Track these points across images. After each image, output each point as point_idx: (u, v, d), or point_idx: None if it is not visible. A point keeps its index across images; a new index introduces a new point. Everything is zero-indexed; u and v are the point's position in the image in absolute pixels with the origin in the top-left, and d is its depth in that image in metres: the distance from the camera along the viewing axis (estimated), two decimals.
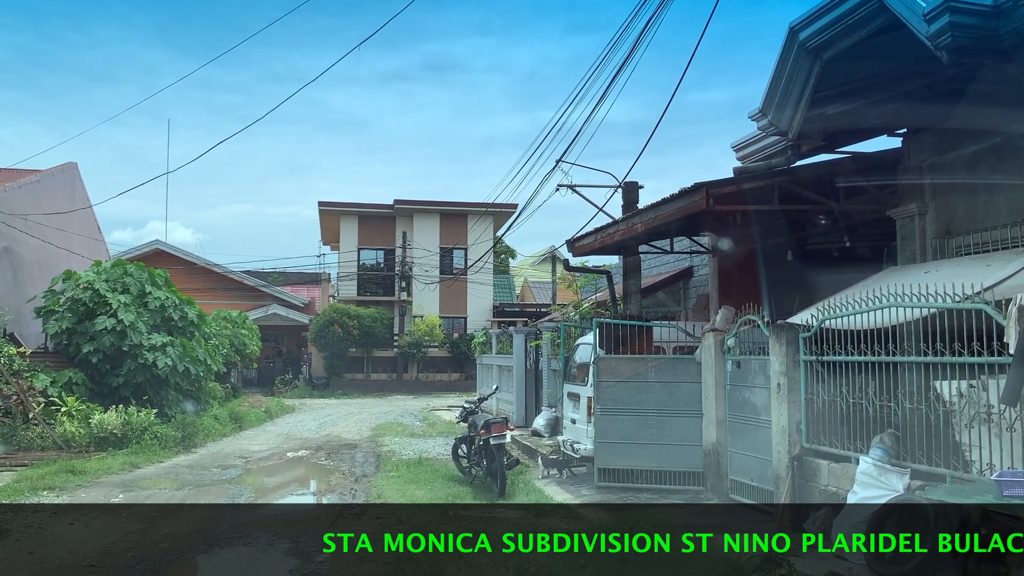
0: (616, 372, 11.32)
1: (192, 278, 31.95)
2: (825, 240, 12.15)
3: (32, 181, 19.52)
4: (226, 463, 14.60)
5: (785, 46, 8.55)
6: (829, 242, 12.19)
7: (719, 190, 9.33)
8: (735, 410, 10.37)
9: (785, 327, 9.12)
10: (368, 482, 12.41)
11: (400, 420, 22.76)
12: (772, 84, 8.80)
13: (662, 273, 17.11)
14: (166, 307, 18.04)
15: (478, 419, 11.92)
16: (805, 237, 12.19)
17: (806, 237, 12.18)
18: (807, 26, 8.28)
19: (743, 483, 10.11)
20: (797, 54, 8.48)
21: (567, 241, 13.86)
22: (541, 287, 48.84)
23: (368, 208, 39.71)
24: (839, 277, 10.55)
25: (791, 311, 9.91)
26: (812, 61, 8.42)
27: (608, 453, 11.26)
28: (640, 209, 10.96)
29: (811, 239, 12.31)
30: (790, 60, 8.55)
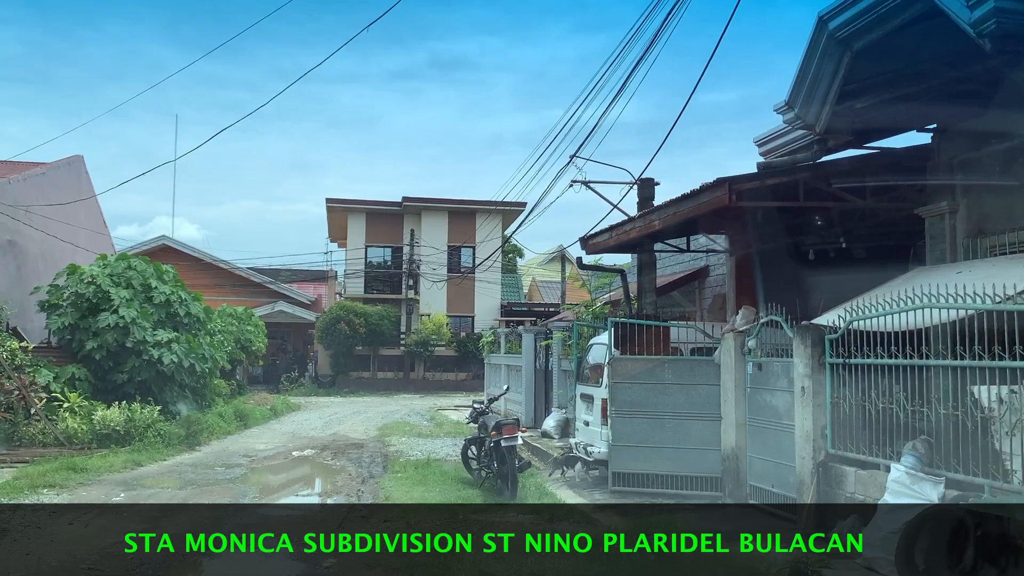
0: (632, 373, 11.01)
1: (198, 274, 31.72)
2: (848, 239, 11.81)
3: (37, 174, 19.29)
4: (230, 462, 14.32)
5: (813, 36, 8.21)
6: (852, 241, 11.85)
7: (743, 185, 9.01)
8: (755, 413, 10.05)
9: (810, 328, 8.80)
10: (375, 483, 12.12)
11: (407, 419, 22.47)
12: (799, 76, 8.47)
13: (676, 272, 16.77)
14: (171, 302, 17.78)
15: (488, 420, 11.61)
16: (827, 236, 11.85)
17: (828, 236, 11.84)
18: (837, 15, 7.94)
19: (763, 489, 9.79)
20: (826, 45, 8.14)
21: (581, 238, 13.55)
22: (549, 287, 48.49)
23: (376, 205, 39.45)
24: (863, 278, 10.21)
25: (813, 312, 9.57)
26: (842, 52, 8.08)
27: (623, 456, 10.95)
28: (659, 205, 10.64)
29: (833, 238, 11.96)
30: (818, 51, 8.21)
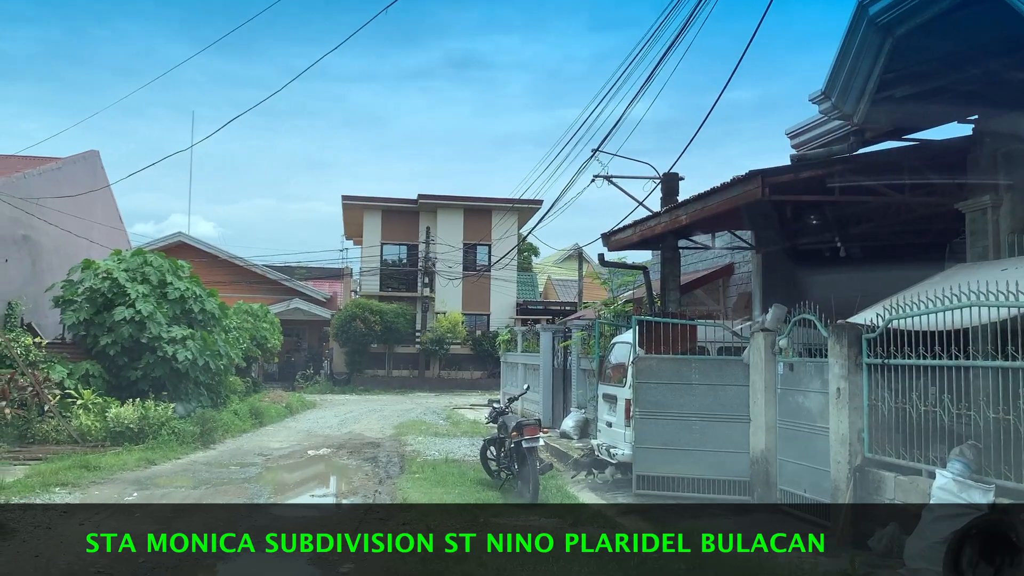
0: (657, 373, 10.68)
1: (214, 271, 31.63)
2: (880, 236, 11.44)
3: (52, 168, 19.14)
4: (245, 461, 14.10)
5: (852, 22, 7.86)
6: (884, 238, 11.47)
7: (776, 178, 8.66)
8: (786, 416, 9.71)
9: (847, 327, 8.45)
10: (392, 484, 11.85)
11: (423, 418, 22.22)
12: (837, 64, 8.12)
13: (699, 270, 16.39)
14: (186, 298, 17.59)
15: (509, 420, 11.32)
16: (860, 232, 11.47)
17: (861, 232, 11.46)
18: (878, 0, 7.60)
19: (795, 494, 9.44)
20: (866, 32, 7.79)
21: (603, 235, 13.22)
22: (565, 285, 48.14)
23: (392, 203, 39.22)
24: (896, 276, 9.86)
25: (846, 311, 9.20)
26: (882, 38, 7.72)
27: (647, 459, 10.62)
28: (686, 200, 10.30)
29: (864, 234, 11.58)
30: (858, 37, 7.86)
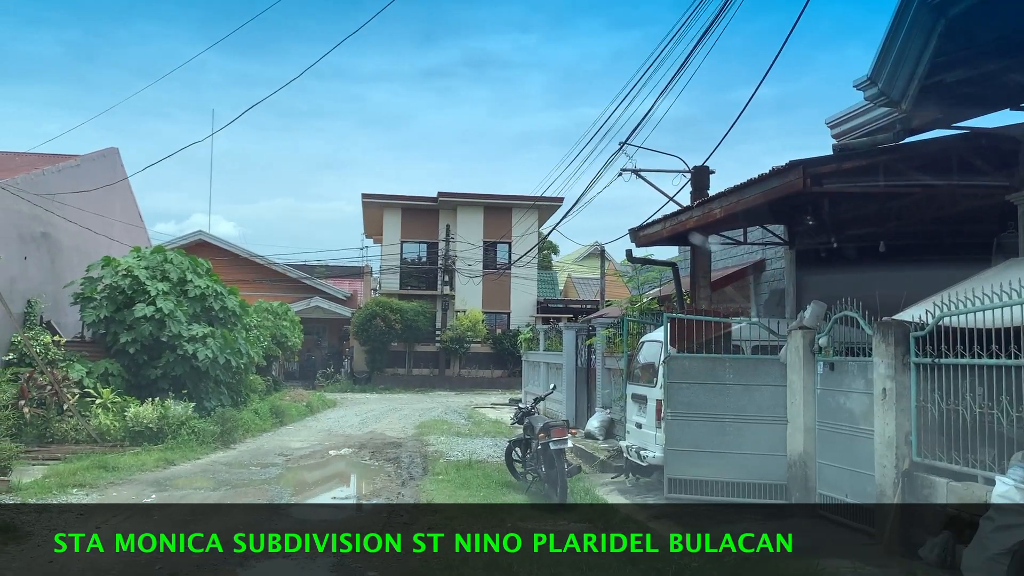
0: (689, 373, 10.30)
1: (235, 269, 31.54)
2: (922, 230, 10.99)
3: (72, 165, 18.98)
4: (266, 461, 13.85)
5: (902, 3, 7.44)
6: (926, 232, 11.02)
7: (818, 169, 8.26)
8: (826, 417, 9.30)
9: (894, 325, 8.03)
10: (416, 486, 11.54)
11: (444, 417, 21.93)
12: (884, 48, 7.69)
13: (729, 267, 15.95)
14: (207, 296, 17.38)
15: (535, 421, 10.97)
16: (899, 227, 11.02)
17: (900, 227, 11.01)
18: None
19: (835, 499, 9.04)
20: (917, 12, 7.35)
21: (631, 230, 12.84)
22: (585, 283, 47.75)
23: (411, 201, 38.96)
24: (938, 273, 9.43)
25: (891, 308, 8.78)
26: (934, 20, 7.29)
27: (679, 462, 10.24)
28: (720, 193, 9.91)
29: (905, 229, 11.13)
30: (908, 19, 7.42)
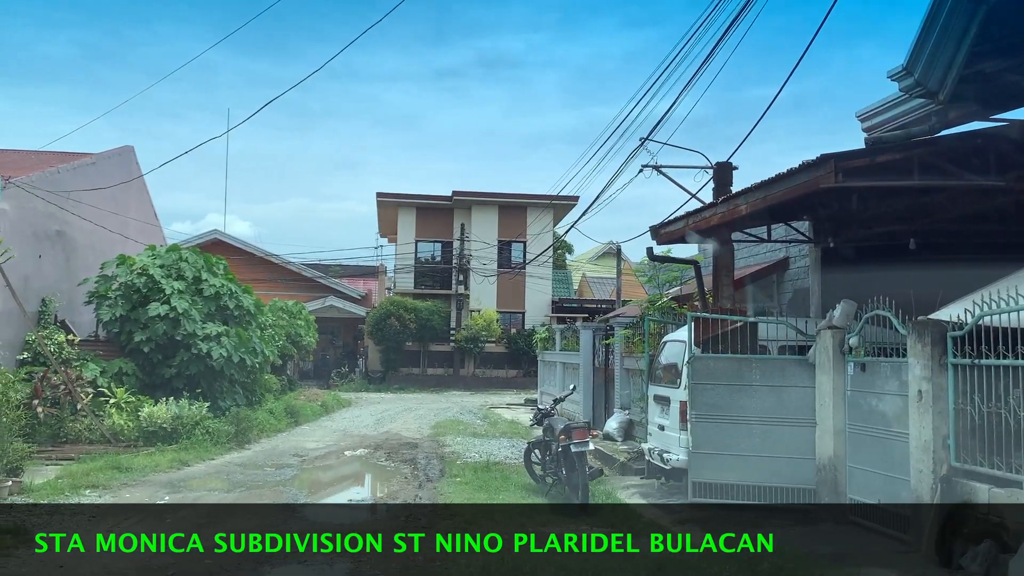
0: (714, 374, 10.03)
1: (250, 268, 31.43)
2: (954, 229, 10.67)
3: (87, 163, 18.88)
4: (281, 462, 13.66)
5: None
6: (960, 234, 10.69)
7: (850, 163, 7.95)
8: (857, 419, 9.01)
9: (930, 324, 7.74)
10: (433, 488, 11.32)
11: (460, 418, 21.71)
12: (921, 36, 7.41)
13: (751, 265, 15.63)
14: (221, 295, 17.23)
15: (555, 423, 10.72)
16: (931, 224, 10.70)
17: (932, 224, 10.69)
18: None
19: (866, 504, 8.75)
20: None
21: (651, 228, 12.56)
22: (600, 282, 47.45)
23: (426, 200, 38.80)
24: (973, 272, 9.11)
25: (926, 308, 8.48)
26: (975, 6, 7.02)
27: (704, 465, 9.97)
28: (747, 188, 9.61)
29: (937, 226, 10.81)
30: (946, 6, 7.15)
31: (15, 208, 15.72)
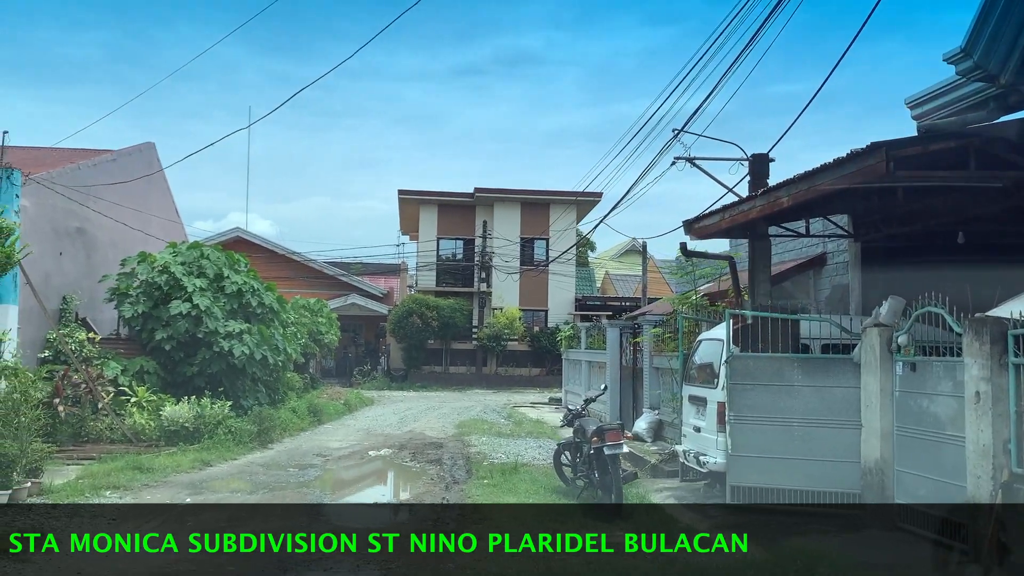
0: (754, 373, 9.63)
1: (272, 266, 31.30)
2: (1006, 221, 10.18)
3: (108, 160, 18.76)
4: (304, 462, 13.40)
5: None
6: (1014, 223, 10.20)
7: (902, 151, 7.52)
8: (906, 421, 8.57)
9: (989, 322, 7.29)
10: (460, 490, 11.00)
11: (483, 417, 21.38)
12: (981, 15, 6.99)
13: (786, 261, 15.16)
14: (243, 292, 17.02)
15: (587, 424, 10.35)
16: (983, 215, 10.21)
17: (984, 215, 10.19)
18: None
19: (917, 510, 8.31)
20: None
21: (685, 222, 12.13)
22: (624, 280, 46.99)
23: (448, 197, 38.55)
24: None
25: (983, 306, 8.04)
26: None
27: (743, 468, 9.57)
28: (789, 180, 9.19)
29: (990, 218, 10.32)
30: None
31: (35, 205, 15.57)
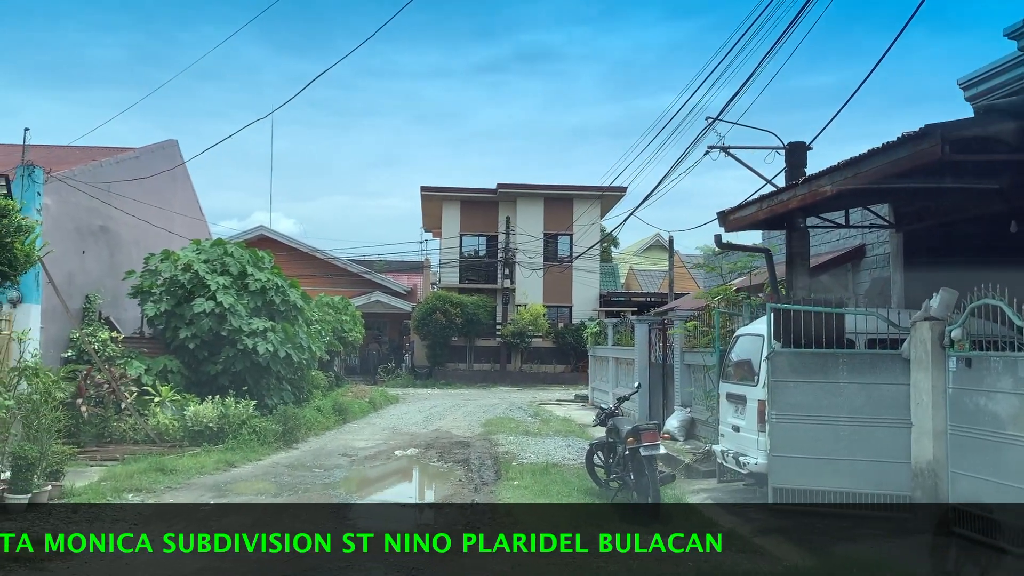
0: (796, 370, 9.21)
1: (295, 264, 31.16)
2: None
3: (130, 157, 18.62)
4: (329, 462, 13.13)
5: None
6: None
7: (958, 133, 7.10)
8: (961, 420, 8.12)
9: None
10: (490, 492, 10.68)
11: (510, 415, 21.04)
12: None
13: (823, 253, 14.66)
14: (267, 290, 16.79)
15: (621, 424, 9.98)
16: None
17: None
18: None
19: (973, 514, 7.86)
20: None
21: (719, 213, 11.74)
22: (648, 275, 46.50)
23: (470, 193, 38.24)
24: None
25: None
26: None
27: (785, 469, 9.16)
28: (832, 167, 8.77)
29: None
30: None
31: (58, 203, 15.42)
